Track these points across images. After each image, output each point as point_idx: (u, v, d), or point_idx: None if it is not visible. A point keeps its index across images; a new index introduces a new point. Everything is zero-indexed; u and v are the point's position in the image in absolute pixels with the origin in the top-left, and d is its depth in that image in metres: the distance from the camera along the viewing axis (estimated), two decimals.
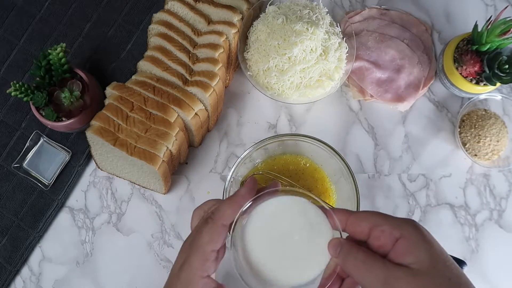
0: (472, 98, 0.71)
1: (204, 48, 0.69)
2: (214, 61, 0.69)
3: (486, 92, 0.70)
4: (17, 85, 0.65)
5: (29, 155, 0.74)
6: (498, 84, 0.68)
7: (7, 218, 0.74)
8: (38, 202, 0.73)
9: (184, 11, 0.71)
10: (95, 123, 0.66)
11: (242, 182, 0.67)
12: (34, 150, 0.74)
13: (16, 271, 0.73)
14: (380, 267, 0.40)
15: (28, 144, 0.73)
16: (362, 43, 0.75)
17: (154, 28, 0.72)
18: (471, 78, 0.69)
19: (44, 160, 0.74)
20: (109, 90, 0.68)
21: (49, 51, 0.66)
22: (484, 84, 0.69)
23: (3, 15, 0.78)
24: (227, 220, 0.47)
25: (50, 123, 0.68)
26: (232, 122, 0.75)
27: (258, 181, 0.66)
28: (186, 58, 0.70)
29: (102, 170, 0.73)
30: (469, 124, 0.71)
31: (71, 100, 0.68)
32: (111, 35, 0.78)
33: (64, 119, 0.69)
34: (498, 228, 0.71)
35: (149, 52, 0.70)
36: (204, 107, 0.69)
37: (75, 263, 0.73)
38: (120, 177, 0.73)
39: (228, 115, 0.76)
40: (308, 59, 0.68)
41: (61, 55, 0.66)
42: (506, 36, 0.65)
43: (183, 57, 0.70)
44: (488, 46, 0.66)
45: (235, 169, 0.64)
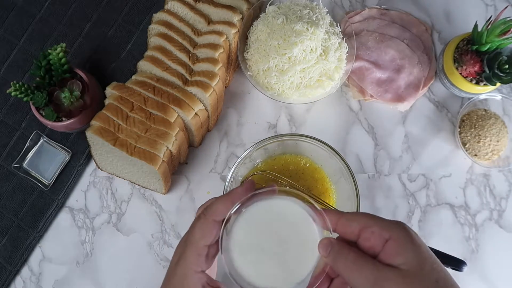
0: (472, 98, 0.71)
1: (204, 48, 0.69)
2: (214, 61, 0.69)
3: (486, 92, 0.70)
4: (17, 85, 0.65)
5: (29, 155, 0.74)
6: (498, 84, 0.68)
7: (7, 218, 0.74)
8: (38, 202, 0.73)
9: (184, 11, 0.71)
10: (95, 123, 0.66)
11: (242, 182, 0.67)
12: (34, 150, 0.74)
13: (16, 271, 0.73)
14: (370, 267, 0.41)
15: (28, 144, 0.73)
16: (362, 43, 0.75)
17: (154, 28, 0.72)
18: (471, 78, 0.69)
19: (44, 160, 0.74)
20: (109, 90, 0.68)
21: (49, 51, 0.66)
22: (484, 84, 0.69)
23: (3, 15, 0.78)
24: (218, 216, 0.47)
25: (50, 123, 0.68)
26: (232, 122, 0.75)
27: (258, 181, 0.67)
28: (186, 58, 0.70)
29: (102, 170, 0.73)
30: (469, 124, 0.71)
31: (71, 100, 0.68)
32: (111, 35, 0.78)
33: (64, 119, 0.69)
34: (498, 228, 0.71)
35: (149, 52, 0.70)
36: (204, 107, 0.69)
37: (75, 263, 0.73)
38: (120, 177, 0.73)
39: (228, 115, 0.76)
40: (308, 59, 0.68)
41: (61, 55, 0.66)
42: (506, 36, 0.65)
43: (183, 57, 0.70)
44: (488, 46, 0.66)
45: (235, 169, 0.64)
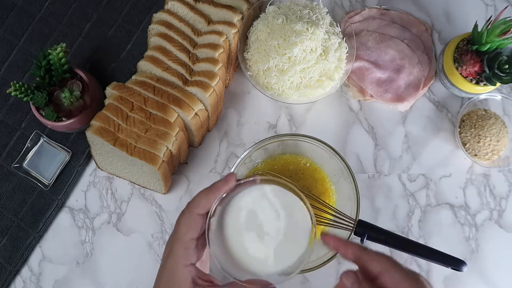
0: (472, 98, 0.71)
1: (204, 48, 0.69)
2: (214, 61, 0.69)
3: (486, 92, 0.70)
4: (17, 85, 0.65)
5: (29, 155, 0.74)
6: (498, 84, 0.68)
7: (7, 218, 0.74)
8: (38, 202, 0.73)
9: (184, 11, 0.71)
10: (95, 123, 0.66)
11: None
12: (34, 150, 0.74)
13: (16, 271, 0.73)
14: None
15: (28, 144, 0.73)
16: (362, 43, 0.75)
17: (154, 28, 0.72)
18: (471, 78, 0.69)
19: (44, 160, 0.74)
20: (109, 90, 0.68)
21: (49, 51, 0.66)
22: (484, 84, 0.69)
23: (3, 15, 0.78)
24: (201, 210, 0.48)
25: (50, 123, 0.68)
26: (232, 122, 0.75)
27: None
28: (186, 58, 0.70)
29: (102, 170, 0.73)
30: (469, 124, 0.71)
31: (71, 100, 0.68)
32: (111, 35, 0.78)
33: (64, 119, 0.69)
34: (498, 228, 0.71)
35: (149, 52, 0.70)
36: (204, 107, 0.69)
37: (75, 263, 0.73)
38: (120, 177, 0.73)
39: (228, 115, 0.76)
40: (308, 59, 0.68)
41: (61, 55, 0.66)
42: (506, 36, 0.65)
43: (183, 57, 0.70)
44: (488, 46, 0.66)
45: (235, 169, 0.64)
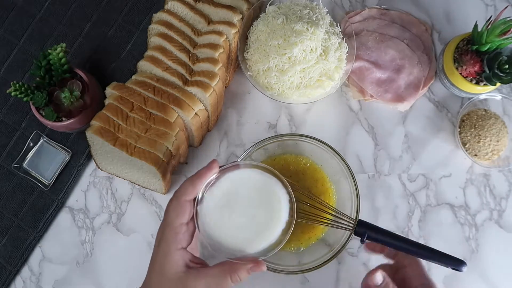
0: (472, 98, 0.71)
1: (204, 48, 0.69)
2: (214, 61, 0.69)
3: (486, 92, 0.70)
4: (17, 85, 0.65)
5: (29, 155, 0.74)
6: (498, 84, 0.68)
7: (7, 218, 0.74)
8: (38, 202, 0.73)
9: (184, 11, 0.71)
10: (95, 123, 0.66)
11: None
12: (34, 150, 0.74)
13: (16, 271, 0.73)
14: None
15: (28, 144, 0.73)
16: (362, 43, 0.75)
17: (154, 28, 0.72)
18: (471, 78, 0.69)
19: (44, 160, 0.74)
20: (109, 90, 0.68)
21: (49, 51, 0.66)
22: (484, 84, 0.69)
23: (3, 15, 0.78)
24: (189, 196, 0.52)
25: (50, 123, 0.68)
26: (232, 122, 0.75)
27: None
28: (186, 58, 0.70)
29: (102, 170, 0.73)
30: (469, 124, 0.71)
31: (71, 100, 0.68)
32: (111, 35, 0.78)
33: (64, 119, 0.69)
34: (498, 228, 0.71)
35: (149, 52, 0.70)
36: (204, 107, 0.69)
37: (75, 263, 0.73)
38: (120, 177, 0.73)
39: (228, 115, 0.76)
40: (308, 59, 0.68)
41: (61, 55, 0.66)
42: (506, 36, 0.65)
43: (183, 57, 0.70)
44: (488, 46, 0.66)
45: None
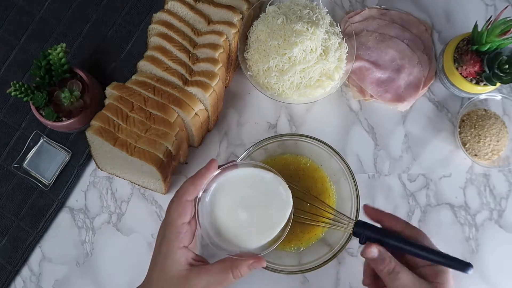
0: (472, 98, 0.71)
1: (204, 48, 0.69)
2: (214, 61, 0.69)
3: (486, 92, 0.70)
4: (17, 85, 0.65)
5: (29, 155, 0.74)
6: (498, 84, 0.68)
7: (7, 218, 0.74)
8: (38, 202, 0.73)
9: (184, 11, 0.71)
10: (95, 123, 0.66)
11: None
12: (34, 150, 0.74)
13: (16, 271, 0.73)
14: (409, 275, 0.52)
15: (28, 144, 0.73)
16: (362, 43, 0.75)
17: (154, 28, 0.71)
18: (471, 78, 0.69)
19: (44, 160, 0.74)
20: (109, 90, 0.68)
21: (49, 51, 0.66)
22: (484, 84, 0.69)
23: (3, 15, 0.78)
24: (190, 196, 0.54)
25: (50, 123, 0.68)
26: (232, 122, 0.75)
27: None
28: (186, 58, 0.70)
29: (102, 170, 0.73)
30: (469, 124, 0.71)
31: (71, 100, 0.68)
32: (111, 35, 0.78)
33: (64, 119, 0.69)
34: (498, 228, 0.71)
35: (149, 52, 0.70)
36: (204, 107, 0.69)
37: (75, 263, 0.73)
38: (120, 177, 0.73)
39: (228, 115, 0.76)
40: (308, 59, 0.68)
41: (61, 55, 0.66)
42: (506, 36, 0.64)
43: (183, 57, 0.70)
44: (488, 46, 0.66)
45: None
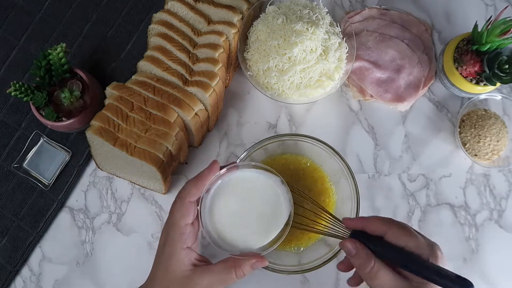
0: (472, 98, 0.71)
1: (204, 48, 0.69)
2: (214, 61, 0.69)
3: (486, 92, 0.70)
4: (17, 85, 0.65)
5: (29, 155, 0.74)
6: (498, 84, 0.68)
7: (7, 218, 0.74)
8: (38, 202, 0.73)
9: (184, 11, 0.71)
10: (95, 123, 0.66)
11: None
12: (34, 150, 0.74)
13: (16, 271, 0.73)
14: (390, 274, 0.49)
15: (28, 144, 0.73)
16: (362, 43, 0.75)
17: (154, 28, 0.71)
18: (471, 78, 0.69)
19: (44, 160, 0.74)
20: (109, 90, 0.68)
21: (49, 51, 0.66)
22: (484, 84, 0.69)
23: (3, 15, 0.78)
24: (192, 197, 0.55)
25: (50, 123, 0.68)
26: (232, 122, 0.75)
27: None
28: (186, 58, 0.70)
29: (102, 170, 0.73)
30: (469, 124, 0.71)
31: (71, 100, 0.68)
32: (111, 35, 0.78)
33: (64, 119, 0.69)
34: (498, 228, 0.71)
35: (149, 52, 0.70)
36: (204, 107, 0.69)
37: (75, 263, 0.73)
38: (120, 177, 0.73)
39: (228, 115, 0.76)
40: (308, 59, 0.68)
41: (61, 55, 0.66)
42: (506, 36, 0.65)
43: (183, 57, 0.70)
44: (488, 46, 0.66)
45: None
